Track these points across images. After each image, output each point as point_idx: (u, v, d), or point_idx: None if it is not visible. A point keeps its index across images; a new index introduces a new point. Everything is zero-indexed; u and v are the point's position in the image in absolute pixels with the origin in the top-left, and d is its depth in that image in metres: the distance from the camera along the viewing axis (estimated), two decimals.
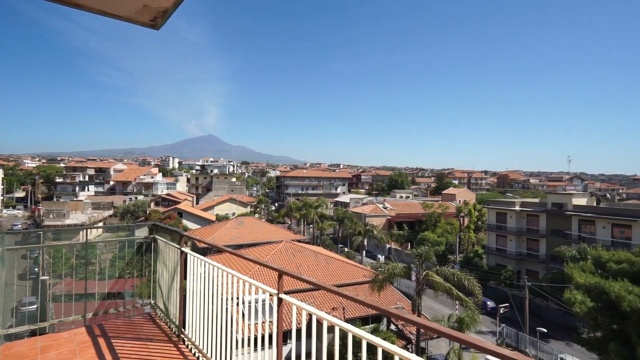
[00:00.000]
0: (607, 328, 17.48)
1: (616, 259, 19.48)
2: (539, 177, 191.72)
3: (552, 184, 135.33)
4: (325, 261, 28.59)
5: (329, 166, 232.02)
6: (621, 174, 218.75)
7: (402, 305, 25.67)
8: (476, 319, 19.30)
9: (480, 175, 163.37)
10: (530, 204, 47.82)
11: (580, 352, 27.02)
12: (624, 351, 15.38)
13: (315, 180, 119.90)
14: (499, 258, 47.19)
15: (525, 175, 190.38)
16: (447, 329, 1.92)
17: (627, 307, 15.27)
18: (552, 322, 34.51)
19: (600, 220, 38.33)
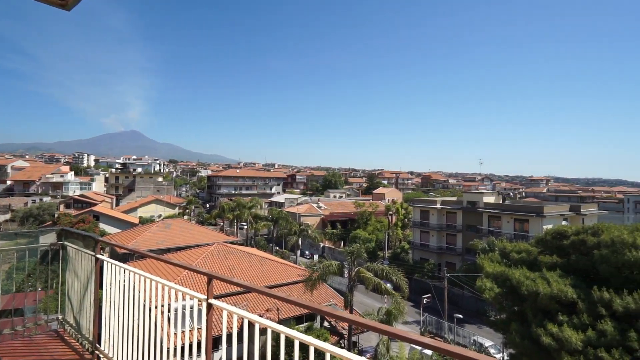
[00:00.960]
0: (510, 310, 19.97)
1: (517, 250, 22.33)
2: (456, 177, 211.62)
3: (467, 184, 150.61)
4: (259, 262, 28.15)
5: (264, 166, 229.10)
6: (521, 175, 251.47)
7: (335, 302, 26.36)
8: (402, 311, 20.60)
9: (407, 175, 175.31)
10: (449, 202, 52.54)
11: (489, 333, 30.49)
12: (522, 329, 17.72)
13: (250, 180, 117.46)
14: (423, 252, 51.02)
15: (445, 176, 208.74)
16: (374, 323, 2.01)
17: (525, 290, 17.62)
18: (467, 308, 38.31)
19: (505, 216, 43.61)
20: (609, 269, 16.64)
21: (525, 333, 17.27)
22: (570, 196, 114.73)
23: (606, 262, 16.76)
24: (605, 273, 16.79)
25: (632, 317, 14.53)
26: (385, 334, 2.01)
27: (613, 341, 14.17)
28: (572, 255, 18.99)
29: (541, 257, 19.96)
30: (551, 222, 39.31)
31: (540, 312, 17.05)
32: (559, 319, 15.81)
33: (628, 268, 16.15)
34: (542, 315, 16.88)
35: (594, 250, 17.67)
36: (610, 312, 15.07)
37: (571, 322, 15.55)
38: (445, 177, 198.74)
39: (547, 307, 16.70)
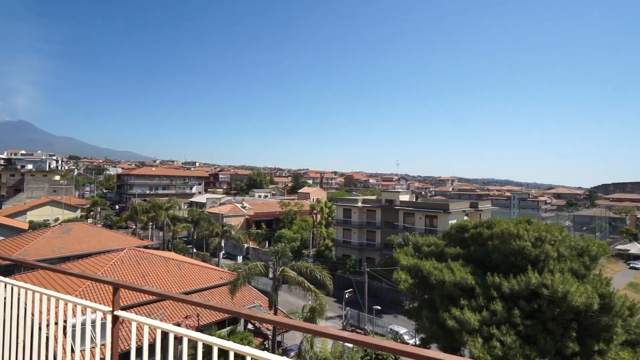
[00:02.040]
0: (421, 298, 21.93)
1: (427, 243, 24.63)
2: (376, 177, 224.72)
3: (386, 184, 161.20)
4: (177, 267, 26.39)
5: (183, 164, 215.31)
6: (432, 176, 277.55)
7: (259, 304, 25.98)
8: (325, 308, 21.17)
9: (331, 175, 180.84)
10: (369, 201, 55.58)
11: (403, 321, 33.03)
12: (431, 315, 19.62)
13: (167, 179, 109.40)
14: (345, 249, 53.14)
15: (366, 176, 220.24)
16: (294, 321, 2.01)
17: (434, 280, 19.53)
18: (385, 299, 40.97)
19: (418, 213, 47.65)
20: (499, 257, 19.29)
21: (433, 318, 19.10)
22: (470, 194, 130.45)
23: (497, 251, 19.40)
24: (497, 260, 19.43)
25: (516, 297, 17.05)
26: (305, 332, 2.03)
27: (502, 319, 16.45)
28: (471, 247, 21.55)
29: (447, 249, 22.28)
30: (455, 217, 44.13)
31: (446, 299, 19.02)
32: (460, 303, 17.81)
33: (513, 255, 18.91)
34: (447, 301, 18.84)
35: (488, 242, 20.31)
36: (500, 294, 17.47)
37: (470, 305, 17.65)
38: (366, 177, 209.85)
39: (452, 294, 18.70)
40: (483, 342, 15.87)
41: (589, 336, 15.84)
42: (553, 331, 15.63)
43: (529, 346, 15.27)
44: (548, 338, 15.41)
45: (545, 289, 16.07)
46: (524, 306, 16.55)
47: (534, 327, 15.90)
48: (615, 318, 15.94)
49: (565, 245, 19.00)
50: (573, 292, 15.33)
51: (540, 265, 17.93)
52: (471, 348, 15.87)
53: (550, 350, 15.10)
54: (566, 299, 15.34)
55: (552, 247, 18.55)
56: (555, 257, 18.19)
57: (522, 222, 21.45)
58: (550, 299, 15.91)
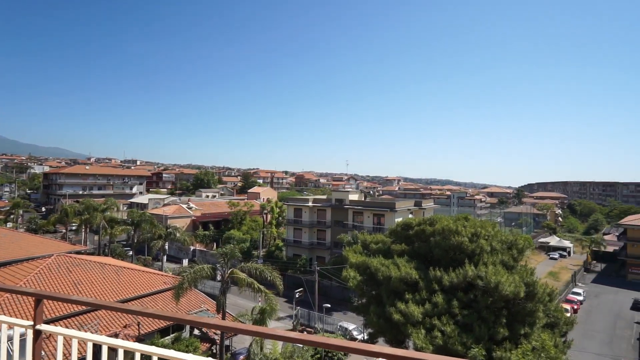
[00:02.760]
0: (369, 295, 22.65)
1: (375, 241, 25.49)
2: (327, 177, 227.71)
3: (336, 183, 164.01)
4: (114, 273, 24.51)
5: (122, 162, 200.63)
6: (379, 176, 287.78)
7: (206, 308, 25.05)
8: (275, 308, 20.98)
9: (282, 175, 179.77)
10: (320, 200, 56.13)
11: (352, 317, 33.84)
12: (379, 310, 20.35)
13: (103, 178, 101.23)
14: (296, 249, 53.15)
15: (317, 175, 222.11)
16: (238, 324, 1.96)
17: (381, 276, 20.27)
18: (335, 297, 41.64)
19: (366, 212, 49.09)
20: (440, 252, 20.53)
21: (381, 313, 19.81)
22: (415, 193, 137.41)
23: (438, 246, 20.63)
24: (438, 255, 20.66)
25: (455, 288, 18.28)
26: (251, 335, 1.98)
27: (442, 310, 17.54)
28: (415, 243, 22.69)
29: (393, 246, 23.23)
30: (401, 215, 46.16)
31: (393, 293, 19.83)
32: (406, 298, 18.68)
33: (453, 250, 20.24)
34: (393, 295, 19.65)
35: (431, 238, 21.53)
36: (441, 286, 18.61)
37: (414, 299, 18.59)
38: (317, 176, 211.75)
39: (398, 289, 19.54)
40: (426, 333, 16.78)
41: (516, 321, 17.46)
42: (487, 319, 16.98)
43: (466, 334, 16.44)
44: (482, 325, 16.72)
45: (480, 280, 17.41)
46: (462, 297, 17.79)
47: (470, 316, 17.15)
48: (538, 304, 17.75)
49: (497, 240, 20.75)
50: (504, 282, 16.79)
51: (476, 259, 19.39)
52: (415, 339, 16.71)
53: (484, 336, 16.40)
54: (498, 288, 16.75)
55: (486, 242, 20.16)
56: (488, 250, 19.79)
57: (460, 219, 23.03)
58: (485, 289, 17.28)
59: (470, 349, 15.55)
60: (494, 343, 16.62)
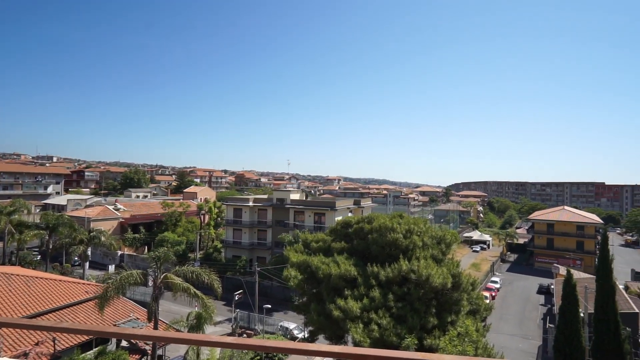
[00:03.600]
0: (310, 293, 22.87)
1: (316, 240, 25.79)
2: (268, 176, 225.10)
3: (277, 183, 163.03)
4: (24, 284, 21.63)
5: (35, 159, 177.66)
6: (320, 175, 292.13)
7: (135, 317, 23.26)
8: (213, 312, 20.21)
9: (221, 174, 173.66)
10: (260, 200, 55.28)
11: (293, 316, 33.89)
12: (319, 307, 20.65)
13: (10, 176, 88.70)
14: (236, 250, 51.72)
15: (257, 175, 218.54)
16: (170, 333, 1.82)
17: (322, 274, 20.58)
18: (276, 297, 41.32)
19: (307, 211, 49.48)
20: (377, 248, 21.44)
21: (321, 311, 20.10)
22: (354, 192, 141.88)
23: (375, 243, 21.53)
24: (375, 252, 21.56)
25: (391, 283, 19.23)
26: (181, 343, 1.85)
27: (379, 304, 18.33)
28: (354, 240, 23.42)
29: (333, 244, 23.71)
30: (341, 214, 47.35)
31: (332, 291, 20.24)
32: (345, 294, 19.18)
33: (389, 246, 21.26)
34: (333, 292, 20.06)
35: (369, 235, 22.38)
36: (378, 281, 19.44)
37: (353, 295, 19.17)
38: (258, 175, 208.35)
39: (337, 285, 19.99)
40: (363, 327, 17.40)
41: (444, 310, 18.90)
42: (418, 310, 18.13)
43: (400, 325, 17.38)
44: (415, 316, 17.81)
45: (413, 274, 18.53)
46: (397, 290, 18.77)
47: (404, 308, 18.17)
48: (463, 293, 19.41)
49: (428, 236, 22.25)
50: (434, 274, 18.06)
51: (409, 254, 20.59)
52: (353, 334, 17.24)
53: (417, 326, 17.49)
54: (429, 281, 17.98)
55: (419, 238, 21.51)
56: (420, 246, 21.13)
57: (395, 216, 24.29)
58: (417, 282, 18.43)
59: (403, 339, 16.47)
60: (425, 332, 17.80)
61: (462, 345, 16.56)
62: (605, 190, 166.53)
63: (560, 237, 66.89)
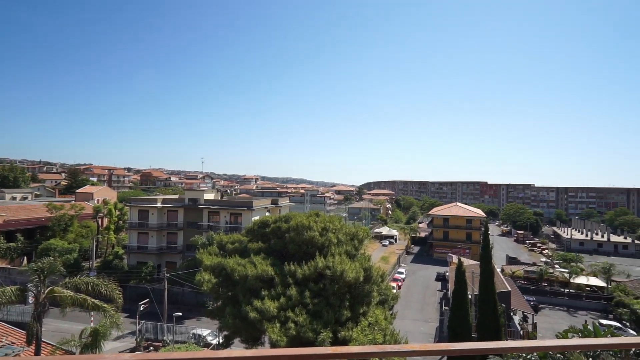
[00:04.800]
0: (225, 296, 22.02)
1: (232, 241, 24.93)
2: (179, 175, 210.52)
3: (189, 182, 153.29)
4: None
5: None
6: (237, 174, 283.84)
7: (9, 342, 19.63)
8: (109, 328, 18.12)
9: (124, 172, 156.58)
10: (170, 200, 51.39)
11: (207, 322, 32.30)
12: (235, 310, 20.01)
13: None
14: (141, 255, 47.21)
15: (167, 173, 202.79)
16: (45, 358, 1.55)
17: (237, 276, 19.97)
18: (187, 304, 38.83)
19: (223, 211, 47.61)
20: (294, 247, 21.66)
21: (237, 314, 19.52)
22: (272, 192, 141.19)
23: (293, 242, 21.72)
24: (293, 250, 21.74)
25: (307, 280, 19.59)
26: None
27: (296, 302, 18.53)
28: (272, 240, 23.27)
29: (250, 245, 23.24)
30: (259, 214, 46.67)
31: (249, 292, 19.81)
32: (262, 295, 18.94)
33: (305, 244, 21.63)
34: (250, 294, 19.65)
35: (286, 234, 22.47)
36: (295, 280, 19.63)
37: (270, 295, 19.04)
38: (168, 174, 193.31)
39: (254, 286, 19.63)
40: (280, 326, 17.41)
41: (357, 303, 19.96)
42: (333, 304, 18.83)
43: (316, 321, 17.82)
44: (330, 311, 18.45)
45: (328, 270, 19.16)
46: (313, 287, 19.21)
47: (320, 303, 18.69)
48: (373, 285, 20.75)
49: (342, 232, 23.26)
50: (347, 269, 18.94)
51: (325, 251, 21.25)
52: (270, 334, 17.13)
53: (332, 320, 18.14)
54: (343, 275, 18.79)
55: (334, 235, 22.34)
56: (335, 242, 21.97)
57: (312, 215, 24.84)
58: (332, 278, 19.11)
59: (319, 334, 16.93)
60: (339, 325, 18.56)
61: (372, 334, 17.70)
62: (487, 189, 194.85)
63: (454, 230, 76.24)
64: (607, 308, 45.66)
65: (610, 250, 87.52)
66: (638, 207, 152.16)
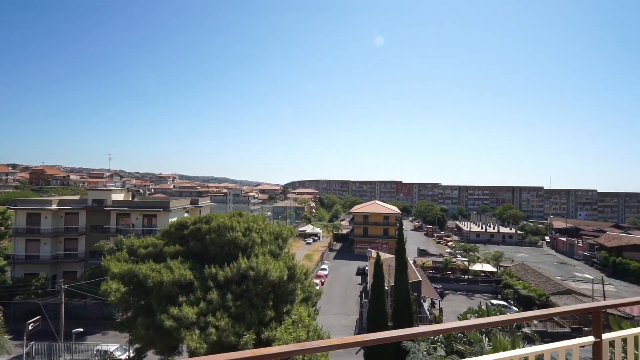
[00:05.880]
0: (137, 306, 20.13)
1: (144, 245, 22.86)
2: (80, 173, 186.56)
3: (94, 181, 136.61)
4: None
5: None
6: (151, 172, 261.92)
7: None
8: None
9: (7, 169, 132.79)
10: (69, 202, 45.24)
11: (115, 336, 29.13)
12: (148, 320, 18.40)
13: None
14: (30, 266, 40.69)
15: (65, 171, 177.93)
16: None
17: (151, 282, 18.38)
18: (90, 318, 34.60)
19: (134, 213, 43.48)
20: (216, 248, 20.75)
21: (150, 323, 17.99)
22: (191, 191, 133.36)
23: (214, 243, 20.79)
24: (214, 252, 20.81)
25: (230, 282, 18.94)
26: None
27: (217, 305, 17.79)
28: (191, 243, 21.96)
29: (166, 248, 21.61)
30: (176, 215, 43.65)
31: (165, 299, 18.41)
32: (179, 301, 17.76)
33: (228, 246, 20.88)
34: (165, 301, 18.27)
35: (207, 236, 21.41)
36: (216, 283, 18.82)
37: (189, 300, 17.95)
38: (66, 172, 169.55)
39: (171, 293, 18.31)
40: (200, 332, 16.54)
41: (281, 302, 19.95)
42: (257, 305, 18.53)
43: (238, 324, 17.34)
44: (253, 312, 18.11)
45: (252, 271, 18.78)
46: (236, 289, 18.64)
47: (243, 305, 18.22)
48: (297, 283, 20.95)
49: (266, 232, 23.00)
50: (271, 269, 18.80)
51: (248, 251, 20.78)
52: (188, 342, 16.18)
53: (255, 321, 17.83)
54: (267, 275, 18.59)
55: (258, 235, 21.97)
56: (259, 242, 21.64)
57: (235, 215, 24.09)
58: (256, 279, 18.78)
59: (242, 337, 16.51)
60: (263, 325, 18.33)
61: (296, 332, 17.85)
62: (402, 187, 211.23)
63: (373, 226, 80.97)
64: (497, 290, 52.97)
65: (500, 240, 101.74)
66: (520, 203, 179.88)
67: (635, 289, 56.33)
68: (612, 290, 52.94)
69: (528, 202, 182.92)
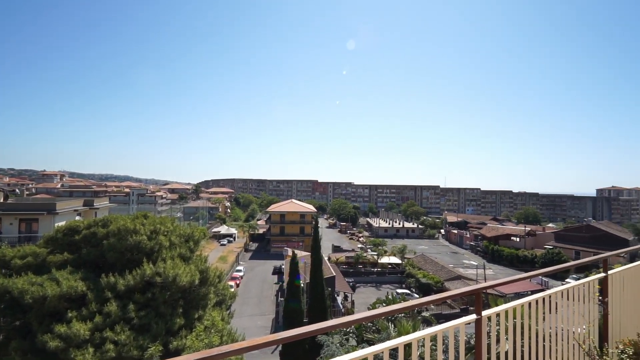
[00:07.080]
0: (10, 328, 16.90)
1: (21, 254, 19.29)
2: None
3: None
4: None
5: None
6: (32, 169, 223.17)
7: None
8: None
9: None
10: None
11: None
12: (25, 344, 15.58)
13: None
14: None
15: None
16: None
17: (30, 299, 15.59)
18: None
19: (7, 217, 36.58)
20: (115, 255, 18.57)
21: (29, 347, 15.32)
22: (85, 191, 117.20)
23: (113, 249, 18.58)
24: (112, 259, 18.59)
25: (132, 291, 17.14)
26: None
27: (117, 318, 15.93)
28: (83, 249, 19.28)
29: (51, 257, 18.62)
30: (65, 218, 37.88)
31: (48, 317, 15.83)
32: (68, 317, 15.45)
33: (130, 251, 18.86)
34: (49, 319, 15.73)
35: (104, 241, 19.02)
36: (115, 293, 16.84)
37: (81, 315, 15.72)
38: None
39: (57, 309, 15.82)
40: (94, 350, 14.65)
41: (192, 308, 18.79)
42: (164, 314, 17.13)
43: (143, 336, 15.81)
44: (160, 322, 16.70)
45: (158, 277, 17.29)
46: (139, 298, 16.95)
47: (148, 315, 16.66)
48: (210, 287, 19.99)
49: (176, 234, 21.41)
50: (181, 274, 17.57)
51: (155, 256, 19.07)
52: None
53: (162, 332, 16.46)
54: (176, 281, 17.31)
55: (165, 237, 20.31)
56: (167, 246, 20.03)
57: (139, 217, 21.88)
58: (163, 285, 17.35)
59: (146, 350, 15.10)
60: (171, 335, 17.02)
61: (208, 338, 17.02)
62: (318, 186, 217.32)
63: (289, 225, 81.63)
64: (402, 280, 58.09)
65: (404, 234, 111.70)
66: (421, 200, 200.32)
67: (508, 271, 67.25)
68: (491, 274, 62.34)
69: (428, 199, 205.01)
